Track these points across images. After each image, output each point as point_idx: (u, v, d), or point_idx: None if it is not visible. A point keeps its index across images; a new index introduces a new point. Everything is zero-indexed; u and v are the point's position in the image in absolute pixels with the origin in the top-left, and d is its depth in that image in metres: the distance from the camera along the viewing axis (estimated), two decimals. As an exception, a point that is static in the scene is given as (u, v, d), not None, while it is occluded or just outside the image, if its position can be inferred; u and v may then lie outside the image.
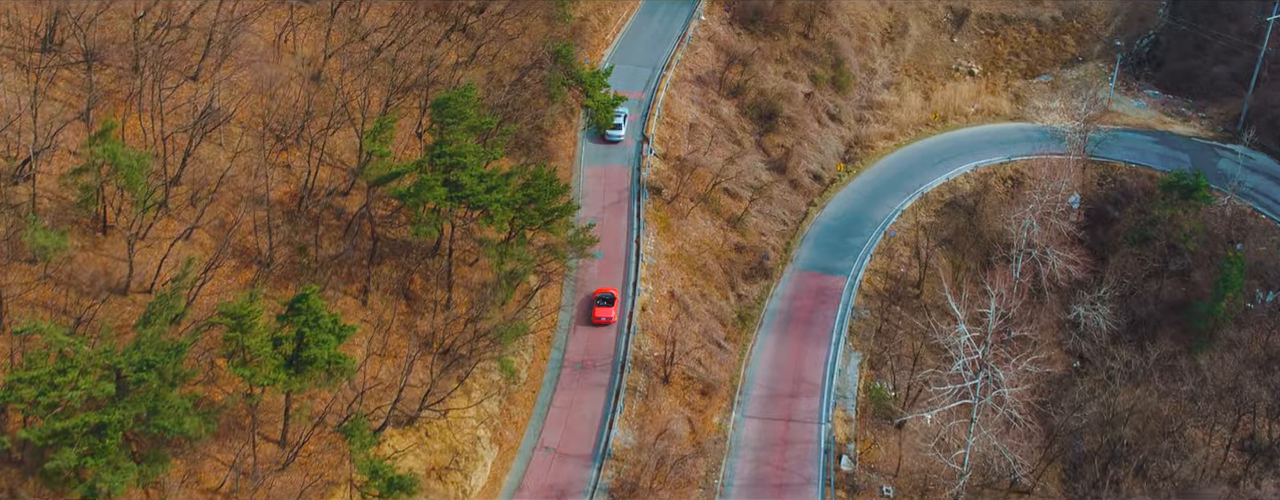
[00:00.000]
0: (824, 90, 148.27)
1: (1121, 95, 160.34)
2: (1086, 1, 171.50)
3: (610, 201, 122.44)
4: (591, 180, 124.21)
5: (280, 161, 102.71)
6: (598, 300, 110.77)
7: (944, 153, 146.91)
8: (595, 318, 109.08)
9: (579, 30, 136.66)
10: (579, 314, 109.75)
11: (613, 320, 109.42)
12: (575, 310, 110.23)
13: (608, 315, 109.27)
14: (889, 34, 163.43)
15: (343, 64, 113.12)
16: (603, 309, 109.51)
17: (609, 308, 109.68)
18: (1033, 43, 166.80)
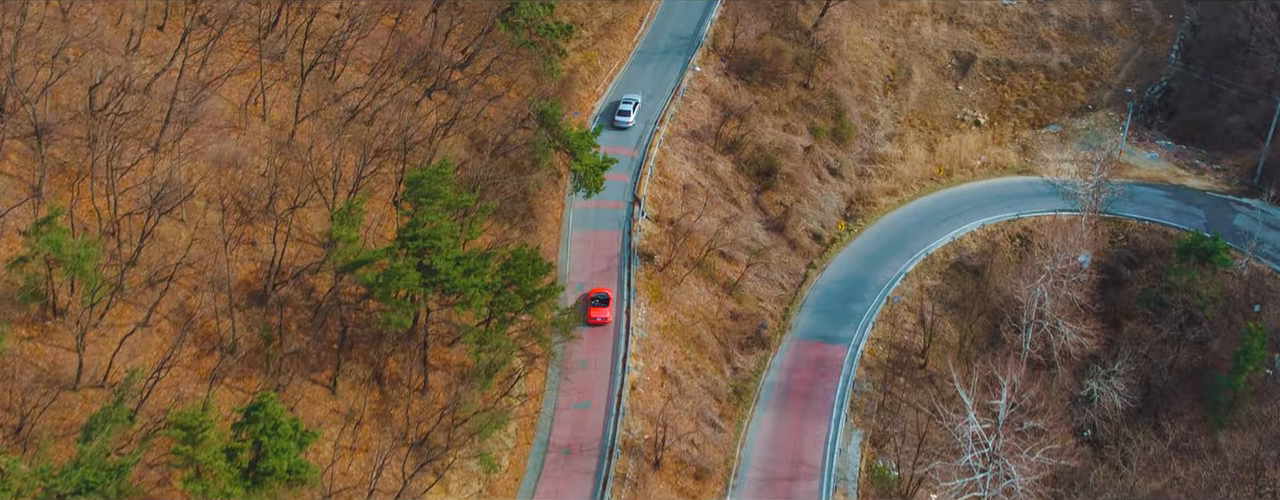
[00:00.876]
0: (824, 143, 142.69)
1: (1133, 146, 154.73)
2: (1096, 47, 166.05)
3: (599, 268, 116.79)
4: (580, 246, 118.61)
5: (246, 238, 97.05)
6: (592, 301, 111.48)
7: (949, 209, 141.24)
8: (591, 318, 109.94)
9: (568, 82, 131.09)
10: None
11: (608, 320, 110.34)
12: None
13: (603, 315, 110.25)
14: (892, 82, 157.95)
15: (315, 128, 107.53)
16: (598, 309, 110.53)
17: (604, 308, 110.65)
18: (1041, 90, 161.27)
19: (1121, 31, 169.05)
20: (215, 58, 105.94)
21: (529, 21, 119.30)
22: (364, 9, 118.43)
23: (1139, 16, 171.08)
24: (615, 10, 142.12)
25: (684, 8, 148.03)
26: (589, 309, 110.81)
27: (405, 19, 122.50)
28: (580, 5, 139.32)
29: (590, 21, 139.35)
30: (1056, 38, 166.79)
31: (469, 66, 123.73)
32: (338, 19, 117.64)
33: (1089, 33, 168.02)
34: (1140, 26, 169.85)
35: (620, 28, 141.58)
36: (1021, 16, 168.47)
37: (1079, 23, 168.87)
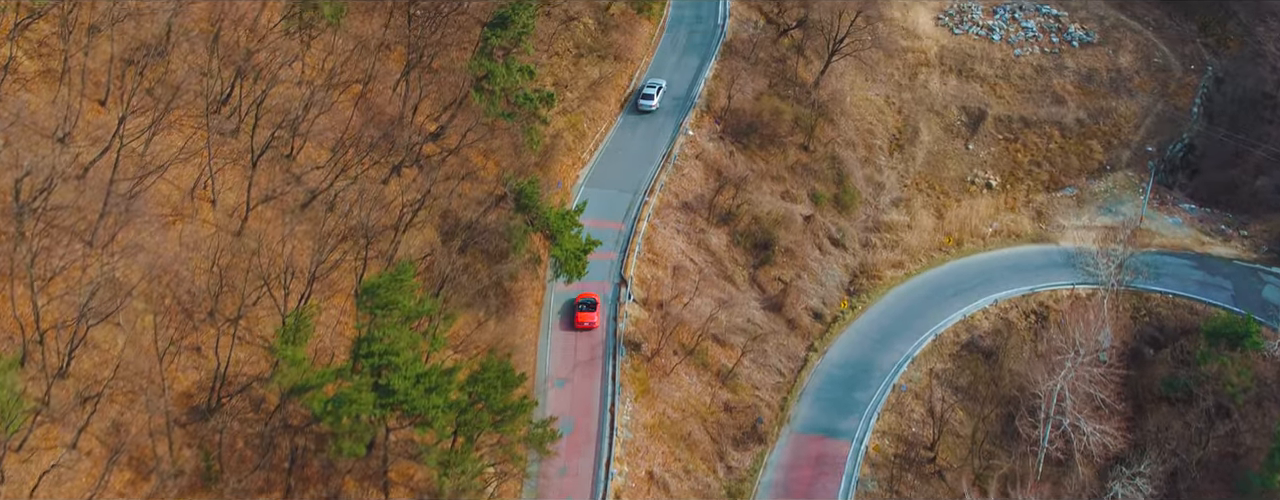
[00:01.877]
0: (826, 211, 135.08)
1: (1154, 210, 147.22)
2: (1113, 101, 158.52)
3: (582, 360, 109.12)
4: (561, 336, 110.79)
5: (189, 344, 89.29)
6: (579, 305, 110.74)
7: (959, 283, 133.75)
8: (578, 323, 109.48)
9: (551, 150, 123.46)
10: (561, 321, 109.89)
11: (595, 325, 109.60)
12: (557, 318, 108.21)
13: (590, 320, 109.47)
14: (898, 141, 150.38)
15: (271, 214, 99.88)
16: (585, 314, 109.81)
17: (592, 312, 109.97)
18: (1056, 149, 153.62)
19: (1140, 84, 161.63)
20: (161, 137, 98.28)
21: (506, 91, 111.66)
22: (326, 77, 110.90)
23: (1159, 68, 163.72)
24: (603, 69, 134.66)
25: (676, 64, 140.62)
26: (576, 314, 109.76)
27: (372, 88, 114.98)
28: (564, 64, 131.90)
29: (575, 81, 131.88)
30: (1072, 91, 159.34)
31: (442, 137, 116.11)
32: (299, 87, 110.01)
33: (1106, 86, 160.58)
34: (1160, 79, 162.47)
35: (607, 87, 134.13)
36: (1035, 68, 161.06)
37: (1095, 75, 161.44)
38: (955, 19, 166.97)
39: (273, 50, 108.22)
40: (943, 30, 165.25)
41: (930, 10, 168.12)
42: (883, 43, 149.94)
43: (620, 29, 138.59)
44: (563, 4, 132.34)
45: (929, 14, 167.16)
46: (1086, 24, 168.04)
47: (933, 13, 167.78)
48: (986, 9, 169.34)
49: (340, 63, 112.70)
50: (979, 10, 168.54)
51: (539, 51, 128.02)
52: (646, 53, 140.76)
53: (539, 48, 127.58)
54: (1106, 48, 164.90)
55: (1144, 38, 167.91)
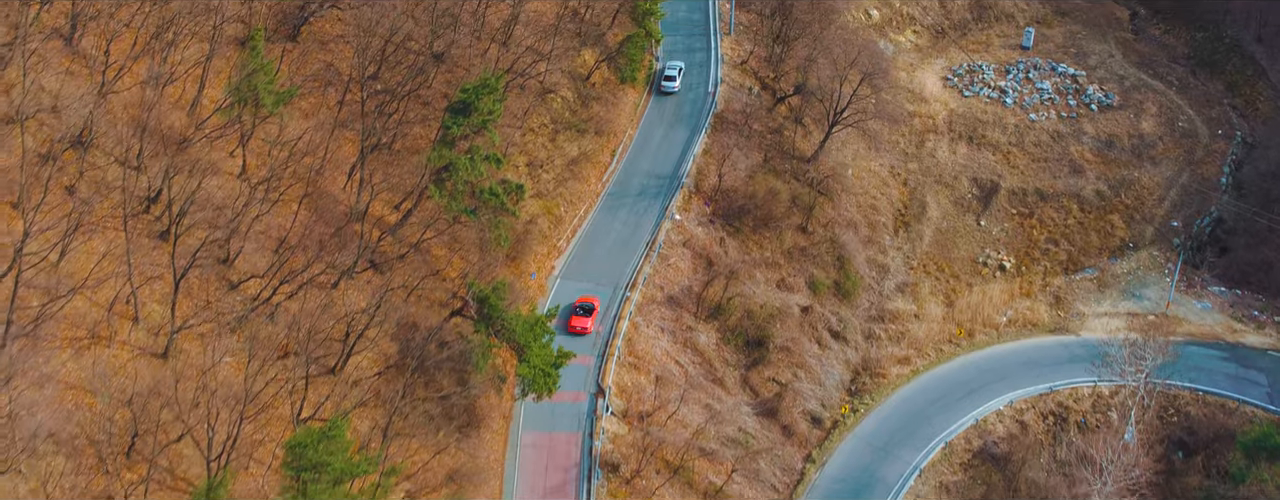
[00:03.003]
0: (825, 300, 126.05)
1: (1181, 293, 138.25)
2: (1136, 170, 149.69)
3: (553, 484, 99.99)
4: (531, 453, 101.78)
5: (103, 492, 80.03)
6: (577, 309, 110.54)
7: (971, 380, 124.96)
8: (572, 327, 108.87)
9: (524, 238, 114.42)
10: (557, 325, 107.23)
11: (588, 330, 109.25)
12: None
13: (583, 325, 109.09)
14: (904, 217, 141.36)
15: (203, 328, 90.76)
16: (580, 318, 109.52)
17: (587, 317, 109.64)
18: (1074, 225, 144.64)
19: (1165, 151, 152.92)
20: (79, 243, 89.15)
21: (470, 185, 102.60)
22: (271, 168, 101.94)
23: (1184, 133, 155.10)
24: (582, 145, 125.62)
25: (662, 138, 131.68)
26: (570, 317, 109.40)
27: (324, 177, 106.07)
28: (539, 142, 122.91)
29: (552, 160, 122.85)
30: (1091, 160, 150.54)
31: (401, 229, 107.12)
32: (239, 181, 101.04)
33: (1128, 153, 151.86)
34: (1186, 145, 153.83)
35: (588, 165, 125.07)
36: (1051, 135, 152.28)
37: (1116, 141, 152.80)
38: (965, 80, 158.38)
39: (211, 140, 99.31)
40: (952, 92, 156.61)
41: (938, 70, 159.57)
42: (888, 112, 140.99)
43: (602, 100, 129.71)
44: (538, 75, 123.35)
45: (937, 75, 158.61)
46: (1106, 85, 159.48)
47: (941, 73, 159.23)
48: (998, 68, 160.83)
49: (287, 151, 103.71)
50: (990, 70, 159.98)
51: (511, 127, 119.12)
52: (631, 124, 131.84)
53: (511, 124, 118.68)
54: (1128, 111, 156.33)
55: (1168, 99, 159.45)
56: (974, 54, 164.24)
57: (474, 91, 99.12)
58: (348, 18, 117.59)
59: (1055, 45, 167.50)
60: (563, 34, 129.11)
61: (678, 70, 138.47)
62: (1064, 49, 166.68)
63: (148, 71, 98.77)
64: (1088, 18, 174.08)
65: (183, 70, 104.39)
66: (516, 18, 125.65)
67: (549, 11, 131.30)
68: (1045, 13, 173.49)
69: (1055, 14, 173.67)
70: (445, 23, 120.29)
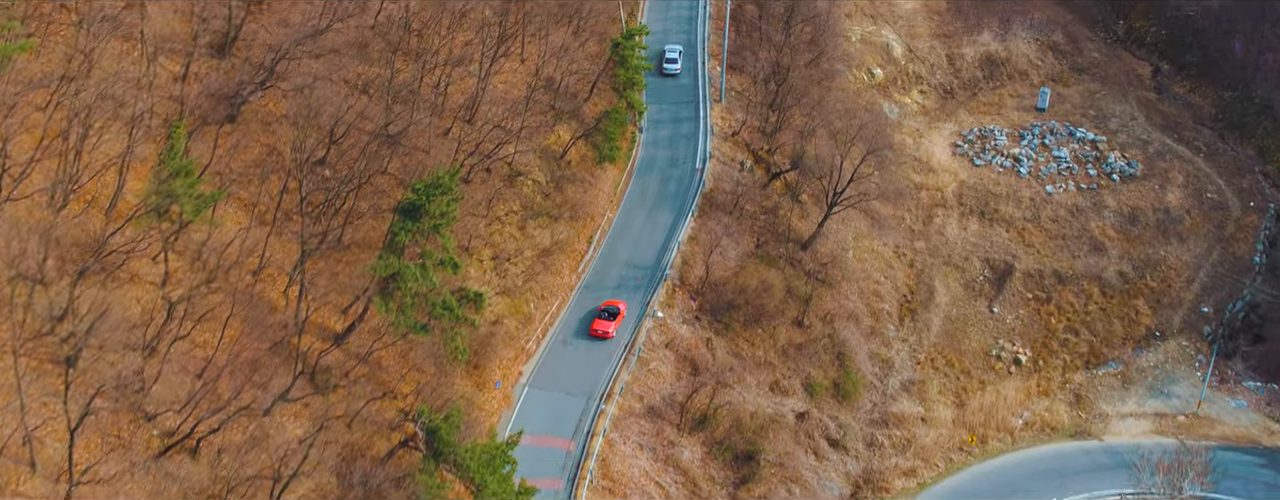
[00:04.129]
0: (824, 402, 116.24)
1: (1214, 390, 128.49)
2: (1162, 247, 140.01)
3: None
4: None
5: None
6: (601, 313, 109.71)
7: (984, 493, 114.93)
8: (592, 330, 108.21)
9: (489, 341, 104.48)
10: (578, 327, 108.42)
11: (609, 335, 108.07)
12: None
13: (605, 329, 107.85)
14: (909, 304, 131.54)
15: (111, 470, 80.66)
16: (602, 322, 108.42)
17: (610, 322, 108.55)
18: (1095, 312, 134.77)
19: (1192, 226, 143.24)
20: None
21: (421, 297, 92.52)
22: (199, 272, 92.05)
23: (1213, 205, 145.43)
24: (555, 232, 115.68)
25: (644, 222, 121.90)
26: (593, 321, 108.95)
27: (261, 280, 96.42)
28: (507, 232, 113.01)
29: (521, 252, 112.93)
30: (1113, 236, 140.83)
31: (347, 339, 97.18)
32: (162, 289, 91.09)
33: (1153, 228, 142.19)
34: (1215, 219, 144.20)
35: (562, 255, 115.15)
36: (1069, 209, 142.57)
37: (1140, 216, 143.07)
38: (976, 147, 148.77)
39: (127, 248, 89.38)
40: (961, 161, 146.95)
41: (947, 136, 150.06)
42: (893, 187, 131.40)
43: (578, 181, 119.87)
44: (506, 157, 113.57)
45: (945, 140, 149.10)
46: (1128, 151, 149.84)
47: (950, 139, 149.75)
48: (1012, 133, 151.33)
49: (217, 256, 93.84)
50: (1003, 135, 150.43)
51: (475, 217, 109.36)
52: (610, 206, 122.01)
53: (475, 213, 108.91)
54: (1152, 182, 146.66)
55: (1195, 167, 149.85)
56: (985, 117, 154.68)
57: (424, 191, 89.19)
58: (293, 96, 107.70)
59: (1072, 106, 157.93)
60: (535, 108, 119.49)
61: (678, 52, 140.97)
62: (1082, 110, 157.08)
63: (57, 173, 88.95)
64: (1107, 74, 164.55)
65: (101, 162, 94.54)
66: (483, 91, 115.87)
67: (519, 82, 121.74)
68: (1061, 70, 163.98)
69: (1072, 71, 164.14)
70: (402, 98, 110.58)
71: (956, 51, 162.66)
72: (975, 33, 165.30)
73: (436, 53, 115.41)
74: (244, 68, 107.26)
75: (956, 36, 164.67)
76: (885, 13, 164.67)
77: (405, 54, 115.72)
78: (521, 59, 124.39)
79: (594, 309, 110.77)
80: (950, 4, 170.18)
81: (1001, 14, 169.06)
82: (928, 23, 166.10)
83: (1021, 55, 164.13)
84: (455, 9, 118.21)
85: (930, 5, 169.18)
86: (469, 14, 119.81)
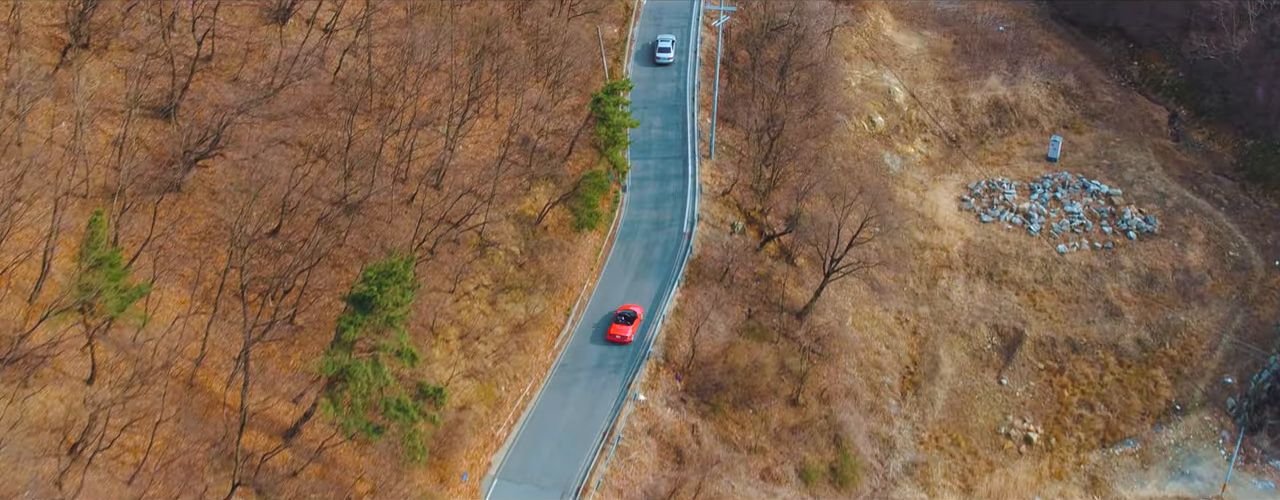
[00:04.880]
0: (820, 489, 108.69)
1: (1240, 470, 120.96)
2: (1182, 312, 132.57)
3: None
4: None
5: None
6: (618, 317, 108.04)
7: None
8: (610, 335, 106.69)
9: (455, 429, 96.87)
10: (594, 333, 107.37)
11: (627, 339, 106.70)
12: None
13: (623, 333, 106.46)
14: (912, 376, 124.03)
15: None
16: (619, 327, 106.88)
17: (627, 326, 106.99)
18: (1111, 383, 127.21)
19: (1214, 288, 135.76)
20: None
21: (372, 399, 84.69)
22: (128, 365, 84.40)
23: (1236, 264, 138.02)
24: (530, 306, 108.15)
25: (627, 293, 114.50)
26: (611, 325, 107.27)
27: (203, 373, 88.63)
28: (477, 308, 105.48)
29: (491, 329, 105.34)
30: (1130, 300, 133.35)
31: (298, 434, 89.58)
32: (88, 389, 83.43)
33: (1172, 291, 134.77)
34: (1238, 280, 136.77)
35: (536, 331, 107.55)
36: (1083, 270, 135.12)
37: (1158, 277, 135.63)
38: (983, 201, 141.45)
39: (48, 344, 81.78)
40: (968, 217, 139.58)
41: (952, 189, 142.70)
42: (895, 251, 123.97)
43: (555, 248, 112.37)
44: (476, 226, 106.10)
45: (950, 195, 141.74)
46: (1145, 206, 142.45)
47: (955, 192, 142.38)
48: (1021, 186, 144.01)
49: (156, 342, 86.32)
50: (1012, 189, 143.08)
51: (441, 292, 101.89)
52: (590, 275, 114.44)
53: (440, 290, 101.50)
54: (1171, 239, 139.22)
55: (1216, 223, 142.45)
56: (993, 168, 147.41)
57: (376, 280, 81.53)
58: (243, 163, 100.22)
59: (1086, 155, 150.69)
60: (509, 170, 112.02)
61: (670, 42, 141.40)
62: (1096, 160, 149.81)
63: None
64: (1121, 120, 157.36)
65: (27, 241, 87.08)
66: (452, 153, 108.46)
67: (492, 142, 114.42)
68: (1073, 115, 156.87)
69: (1084, 117, 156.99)
70: (363, 163, 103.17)
71: (962, 96, 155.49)
72: (982, 76, 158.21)
73: (402, 112, 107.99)
74: (190, 131, 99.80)
75: (962, 80, 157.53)
76: (887, 55, 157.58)
77: (367, 114, 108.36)
78: (495, 115, 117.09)
79: (610, 313, 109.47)
80: (956, 45, 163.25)
81: (1010, 56, 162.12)
82: (932, 65, 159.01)
83: (1031, 100, 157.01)
84: (423, 63, 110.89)
85: (935, 46, 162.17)
86: (438, 69, 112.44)
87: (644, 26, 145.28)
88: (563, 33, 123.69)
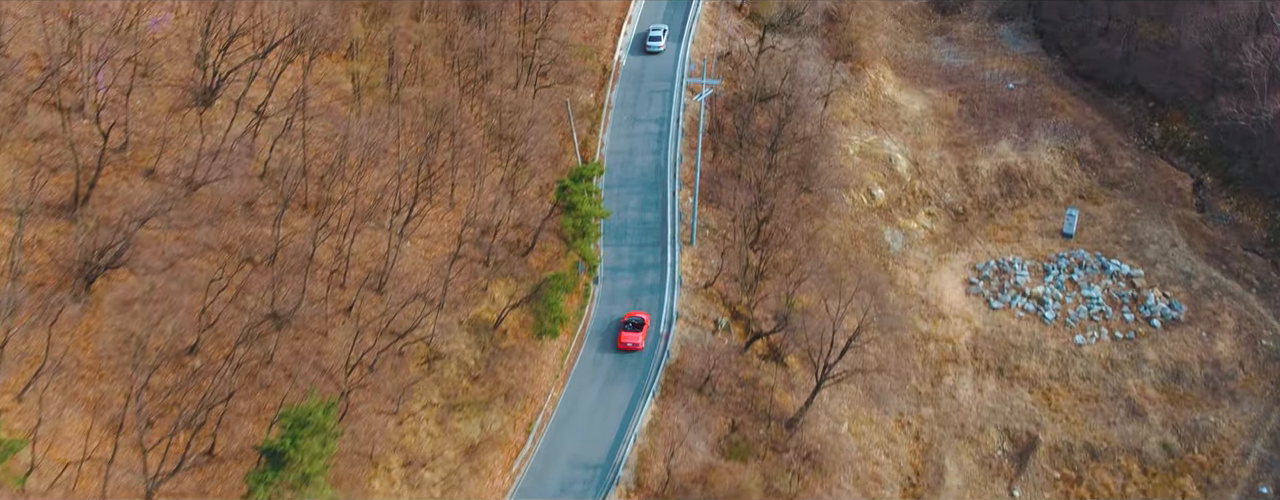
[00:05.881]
0: None
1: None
2: (1211, 411, 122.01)
3: None
4: None
5: None
6: (625, 325, 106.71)
7: None
8: (620, 343, 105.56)
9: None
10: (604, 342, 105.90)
11: (639, 346, 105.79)
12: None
13: (634, 340, 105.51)
14: (914, 489, 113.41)
15: None
16: (629, 335, 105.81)
17: (637, 333, 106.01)
18: (1135, 495, 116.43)
19: (1246, 383, 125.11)
20: None
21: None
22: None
23: (1270, 355, 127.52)
24: (485, 422, 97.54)
25: (596, 404, 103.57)
26: (620, 334, 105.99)
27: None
28: (423, 429, 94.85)
29: (441, 452, 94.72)
30: (1154, 398, 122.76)
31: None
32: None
33: (1201, 387, 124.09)
34: (1272, 373, 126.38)
35: (493, 451, 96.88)
36: (1103, 364, 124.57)
37: (1185, 371, 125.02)
38: (993, 285, 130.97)
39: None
40: (976, 303, 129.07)
41: (959, 270, 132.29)
42: (896, 353, 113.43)
43: (515, 355, 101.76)
44: (425, 337, 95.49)
45: (957, 277, 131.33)
46: (1170, 288, 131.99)
47: (962, 274, 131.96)
48: (1034, 267, 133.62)
49: (48, 484, 75.85)
50: (1024, 269, 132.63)
51: (383, 414, 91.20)
52: (555, 384, 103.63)
53: (382, 412, 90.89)
54: (1198, 327, 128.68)
55: (1247, 307, 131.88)
56: (1003, 244, 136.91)
57: (290, 432, 70.95)
58: (157, 269, 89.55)
59: (1104, 229, 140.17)
60: (464, 269, 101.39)
61: (663, 31, 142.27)
62: (1115, 235, 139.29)
63: None
64: (1142, 189, 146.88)
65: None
66: (398, 250, 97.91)
67: (446, 235, 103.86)
68: (1089, 184, 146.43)
69: (1102, 185, 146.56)
70: (295, 267, 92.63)
71: (970, 164, 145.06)
72: (991, 140, 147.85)
73: (342, 205, 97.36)
74: (97, 233, 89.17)
75: (970, 145, 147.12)
76: (888, 119, 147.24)
77: (302, 210, 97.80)
78: (450, 205, 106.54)
79: (618, 320, 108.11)
80: (963, 105, 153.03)
81: (1021, 117, 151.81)
82: (936, 129, 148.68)
83: (1044, 167, 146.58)
84: (367, 146, 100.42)
85: (940, 107, 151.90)
86: (386, 153, 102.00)
87: (623, 90, 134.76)
88: (528, 109, 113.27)
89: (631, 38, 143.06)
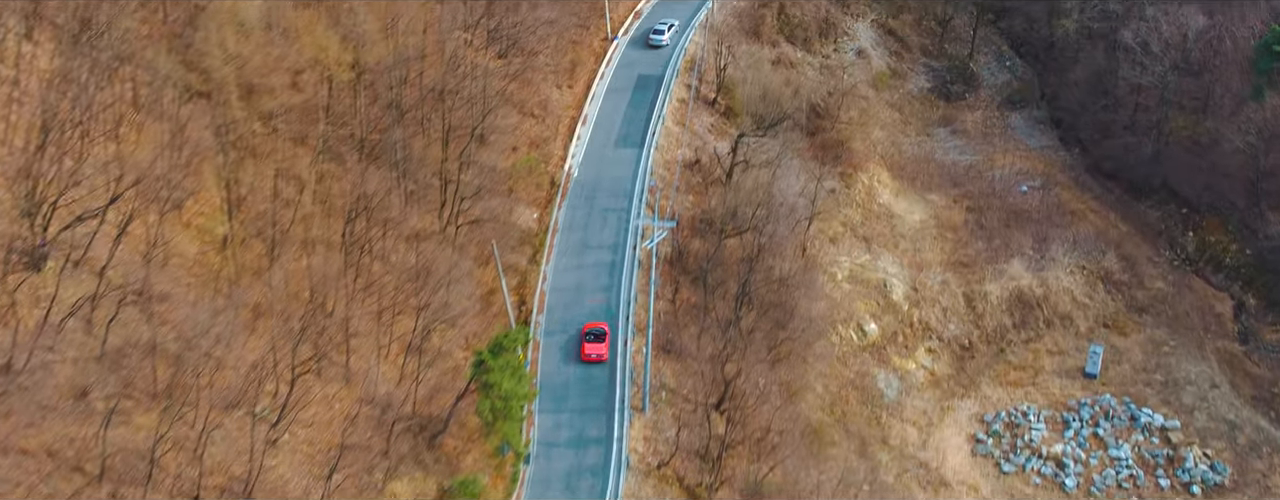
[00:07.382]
0: None
1: None
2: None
3: None
4: None
5: None
6: (587, 336, 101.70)
7: None
8: (585, 355, 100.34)
9: None
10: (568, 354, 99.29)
11: (604, 357, 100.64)
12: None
13: (599, 351, 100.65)
14: None
15: None
16: (593, 345, 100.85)
17: (600, 344, 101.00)
18: None
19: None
20: None
21: None
22: None
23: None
24: None
25: None
26: (583, 345, 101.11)
27: None
28: None
29: None
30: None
31: None
32: None
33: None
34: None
35: None
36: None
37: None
38: (1004, 442, 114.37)
39: None
40: (984, 466, 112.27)
41: (964, 424, 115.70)
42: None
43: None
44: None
45: (962, 433, 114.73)
46: (1211, 444, 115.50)
47: (968, 430, 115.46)
48: (1053, 416, 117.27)
49: None
50: (1040, 422, 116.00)
51: None
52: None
53: None
54: (1246, 494, 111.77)
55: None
56: (1016, 388, 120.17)
57: None
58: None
59: (1133, 367, 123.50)
60: (356, 458, 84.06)
61: (669, 25, 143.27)
62: (1146, 375, 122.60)
63: None
64: (1175, 315, 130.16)
65: None
66: (272, 445, 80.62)
67: (336, 418, 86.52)
68: (1115, 310, 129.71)
69: (1130, 311, 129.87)
70: (135, 477, 75.31)
71: (977, 288, 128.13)
72: (1002, 259, 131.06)
73: (201, 390, 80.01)
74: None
75: (977, 265, 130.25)
76: (884, 233, 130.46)
77: (149, 398, 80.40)
78: (345, 379, 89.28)
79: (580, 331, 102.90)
80: (970, 214, 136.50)
81: (1036, 228, 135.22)
82: (939, 245, 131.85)
83: (1063, 291, 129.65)
84: (238, 309, 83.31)
85: (943, 217, 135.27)
86: (261, 319, 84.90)
87: (572, 209, 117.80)
88: (447, 259, 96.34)
89: (585, 143, 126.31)
